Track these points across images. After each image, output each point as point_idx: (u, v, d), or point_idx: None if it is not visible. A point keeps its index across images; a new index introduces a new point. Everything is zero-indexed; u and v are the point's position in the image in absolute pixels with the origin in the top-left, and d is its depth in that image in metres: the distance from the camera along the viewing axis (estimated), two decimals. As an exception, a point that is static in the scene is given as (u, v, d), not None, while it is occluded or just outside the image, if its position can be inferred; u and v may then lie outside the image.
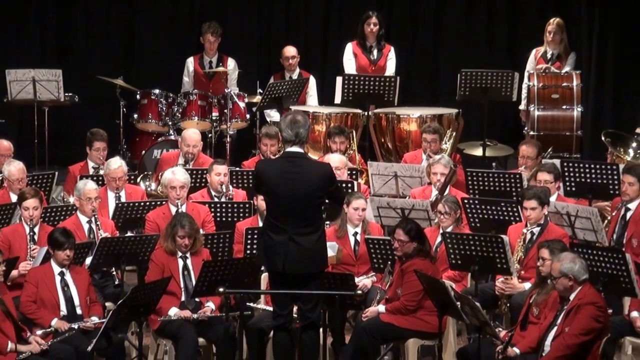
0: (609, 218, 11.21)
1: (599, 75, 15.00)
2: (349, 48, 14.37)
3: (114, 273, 10.77)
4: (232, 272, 9.72)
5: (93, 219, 10.94)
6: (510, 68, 13.91)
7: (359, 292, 10.20)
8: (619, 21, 15.02)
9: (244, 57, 14.86)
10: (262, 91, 14.00)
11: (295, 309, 9.11)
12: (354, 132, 13.48)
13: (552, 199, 11.06)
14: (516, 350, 9.15)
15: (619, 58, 15.04)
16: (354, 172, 12.23)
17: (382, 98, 13.73)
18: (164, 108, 14.11)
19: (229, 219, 11.21)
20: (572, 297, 9.04)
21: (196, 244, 10.14)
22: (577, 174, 11.62)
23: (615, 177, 11.49)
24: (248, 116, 14.18)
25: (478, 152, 13.87)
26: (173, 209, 10.92)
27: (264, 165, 9.55)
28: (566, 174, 11.62)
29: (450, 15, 15.47)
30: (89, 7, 15.49)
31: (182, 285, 10.03)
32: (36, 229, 10.68)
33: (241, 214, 11.24)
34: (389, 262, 10.23)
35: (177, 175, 11.24)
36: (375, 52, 14.34)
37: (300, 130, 9.11)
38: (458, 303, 9.21)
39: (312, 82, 14.43)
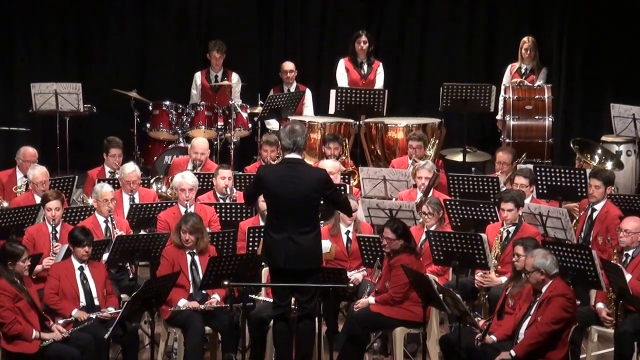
0: (577, 218, 11.23)
1: (568, 88, 15.00)
2: (342, 63, 14.38)
3: (129, 268, 10.77)
4: (235, 267, 9.72)
5: (109, 218, 10.94)
6: (488, 82, 13.92)
7: (351, 285, 10.23)
8: (586, 40, 15.02)
9: (246, 72, 14.86)
10: (262, 103, 13.99)
11: (293, 300, 9.15)
12: (347, 139, 13.50)
13: (527, 200, 11.08)
14: (493, 337, 9.18)
15: (586, 73, 15.06)
16: (346, 175, 12.23)
17: (371, 109, 13.73)
18: (174, 118, 14.10)
19: (233, 219, 11.19)
20: (544, 289, 9.05)
21: (200, 242, 10.12)
22: (548, 178, 11.64)
23: (583, 180, 11.50)
24: (250, 125, 14.17)
25: (459, 158, 13.87)
26: (182, 210, 10.93)
27: (265, 169, 9.59)
28: (538, 178, 11.64)
29: (433, 34, 15.47)
30: (106, 26, 15.48)
31: (190, 278, 10.02)
32: (58, 228, 10.66)
33: (244, 214, 11.22)
34: (378, 258, 10.24)
35: (186, 179, 11.25)
36: (365, 67, 14.34)
37: (298, 138, 9.15)
38: (441, 295, 9.22)
39: (308, 94, 14.43)
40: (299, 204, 9.09)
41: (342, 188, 11.41)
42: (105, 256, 10.32)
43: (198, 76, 14.56)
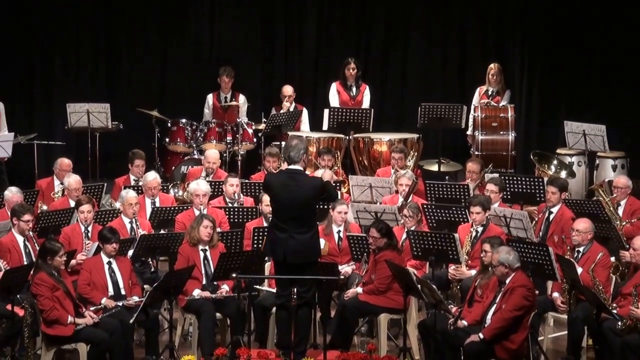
0: (536, 219, 11.24)
1: (528, 108, 15.01)
2: (334, 87, 14.38)
3: (150, 262, 10.77)
4: (242, 262, 9.71)
5: (134, 220, 10.94)
6: (459, 102, 13.93)
7: (342, 277, 10.25)
8: (543, 67, 15.04)
9: (252, 94, 14.85)
10: (266, 120, 13.99)
11: (293, 290, 9.15)
12: (338, 152, 13.51)
13: (496, 205, 11.10)
14: (464, 322, 9.21)
15: (543, 95, 15.07)
16: (338, 183, 12.25)
17: (359, 126, 13.74)
18: (189, 133, 14.09)
19: (240, 220, 11.18)
20: (507, 281, 9.07)
21: (214, 238, 10.15)
22: (511, 185, 11.65)
23: (541, 187, 11.52)
24: (255, 139, 14.16)
25: (434, 167, 13.88)
26: (197, 212, 10.90)
27: (270, 177, 9.64)
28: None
29: (412, 61, 15.47)
30: (131, 54, 15.49)
31: (203, 272, 10.02)
32: (90, 228, 10.68)
33: (249, 216, 11.21)
34: (365, 254, 10.24)
35: (200, 186, 11.25)
36: (354, 89, 14.34)
37: (298, 152, 9.22)
38: (419, 285, 9.23)
39: (305, 113, 14.42)
40: (298, 208, 9.12)
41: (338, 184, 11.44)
42: (130, 252, 10.32)
43: (210, 97, 14.55)
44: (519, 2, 15.07)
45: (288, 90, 14.31)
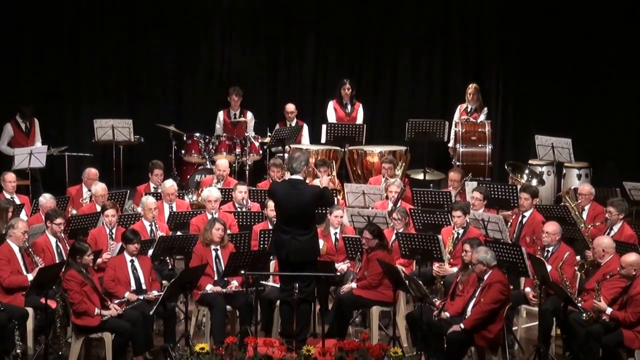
0: (510, 222, 11.23)
1: (503, 123, 15.04)
2: (331, 104, 14.38)
3: (168, 260, 10.78)
4: (250, 260, 9.71)
5: (153, 223, 10.94)
6: (442, 118, 13.95)
7: (338, 274, 10.23)
8: (516, 87, 15.08)
9: (258, 111, 14.85)
10: (270, 134, 14.01)
11: (295, 285, 9.14)
12: (334, 163, 13.51)
13: (480, 211, 11.11)
14: (447, 314, 9.19)
15: (517, 112, 15.11)
16: (334, 191, 12.24)
17: (353, 139, 13.75)
18: (203, 146, 14.09)
19: (248, 223, 11.18)
20: (485, 277, 9.07)
21: (224, 240, 10.14)
22: (489, 192, 11.65)
23: (515, 194, 11.52)
24: (261, 152, 14.16)
25: (420, 176, 13.88)
26: (209, 216, 10.91)
27: (275, 186, 9.62)
28: (481, 192, 11.66)
29: (400, 81, 15.48)
30: (151, 76, 15.49)
31: (215, 269, 10.01)
32: (114, 230, 10.66)
33: (256, 220, 11.21)
34: (359, 253, 10.23)
35: (212, 193, 11.25)
36: (349, 107, 14.35)
37: (300, 163, 9.23)
38: (407, 281, 9.23)
39: (305, 128, 14.41)
40: (300, 213, 9.11)
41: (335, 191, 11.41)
42: (150, 251, 10.30)
43: (221, 114, 14.55)
44: (495, 30, 15.07)
45: (290, 107, 14.32)
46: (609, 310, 8.90)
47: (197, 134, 14.12)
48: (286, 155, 13.31)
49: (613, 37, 14.53)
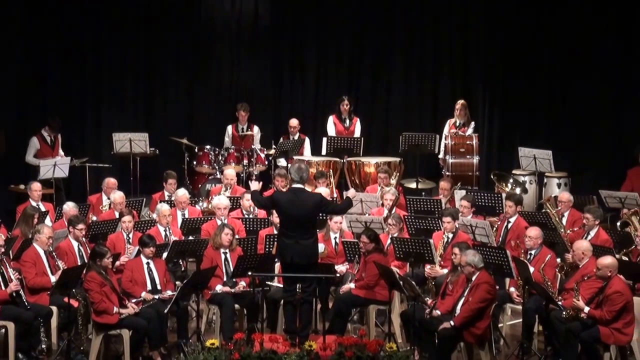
0: (496, 228, 11.23)
1: (489, 136, 15.03)
2: (331, 119, 14.37)
3: (181, 263, 10.75)
4: (256, 262, 9.72)
5: (167, 228, 10.94)
6: (433, 132, 13.92)
7: (338, 275, 10.24)
8: (501, 103, 15.08)
9: (264, 125, 14.85)
10: (275, 147, 14.00)
11: (298, 286, 9.14)
12: (334, 173, 13.51)
13: (468, 217, 11.10)
14: (438, 312, 9.18)
15: (501, 126, 15.10)
16: (333, 199, 12.23)
17: (352, 151, 13.73)
18: (213, 157, 14.08)
19: (254, 229, 11.16)
20: (473, 278, 9.06)
21: (233, 243, 10.13)
22: (476, 200, 11.65)
23: (500, 201, 11.52)
24: (266, 162, 14.16)
25: (413, 185, 13.86)
26: (219, 222, 10.89)
27: (278, 195, 9.61)
28: (469, 200, 11.66)
29: (395, 98, 15.45)
30: (165, 92, 15.47)
31: (224, 271, 10.00)
32: (131, 235, 10.68)
33: (262, 225, 11.19)
34: (357, 256, 10.22)
35: (222, 201, 11.24)
36: (347, 121, 14.34)
37: (303, 174, 9.24)
38: (401, 282, 9.22)
39: (307, 141, 14.40)
40: (302, 219, 9.10)
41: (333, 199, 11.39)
42: (164, 255, 10.30)
43: (230, 128, 14.55)
44: (481, 52, 15.08)
45: (293, 122, 14.32)
46: (586, 308, 8.88)
47: (208, 147, 14.11)
48: (289, 165, 13.31)
49: (589, 58, 14.54)
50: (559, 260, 10.05)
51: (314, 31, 15.38)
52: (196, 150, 14.14)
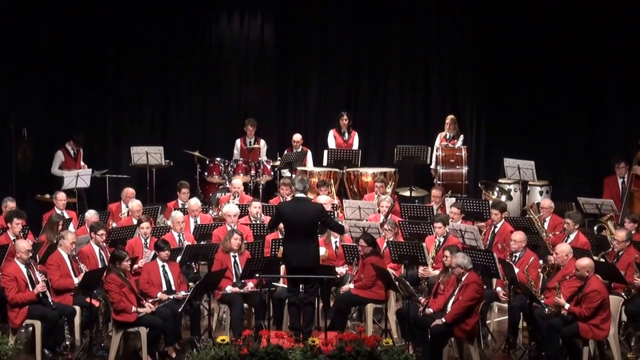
0: (484, 232, 11.22)
1: (477, 148, 15.00)
2: (331, 133, 14.37)
3: (194, 265, 10.75)
4: (263, 265, 9.71)
5: (181, 234, 10.93)
6: (425, 144, 13.92)
7: (338, 276, 10.23)
8: (487, 117, 15.04)
9: (270, 139, 14.84)
10: (280, 159, 14.00)
11: (301, 287, 9.13)
12: (333, 181, 13.50)
13: (458, 222, 11.09)
14: (430, 310, 9.16)
15: (488, 139, 15.05)
16: (333, 205, 12.23)
17: (350, 162, 13.73)
18: (223, 168, 14.06)
19: (261, 234, 11.14)
20: (463, 279, 9.04)
21: (242, 248, 10.12)
22: (465, 207, 11.63)
23: (487, 208, 11.50)
24: (272, 173, 14.15)
25: (407, 193, 13.84)
26: (229, 228, 10.86)
27: (283, 205, 9.67)
28: (458, 207, 11.64)
29: (390, 113, 15.40)
30: (179, 108, 15.46)
31: (233, 273, 9.99)
32: (148, 240, 10.67)
33: (268, 231, 11.16)
34: (356, 259, 10.22)
35: (231, 208, 11.22)
36: (346, 135, 14.33)
37: (305, 185, 9.27)
38: (397, 282, 9.21)
39: (309, 153, 14.39)
40: (305, 226, 9.11)
41: (332, 214, 11.38)
42: (178, 258, 10.28)
43: (238, 141, 14.54)
44: (469, 71, 15.08)
45: (297, 137, 14.32)
46: (567, 305, 8.86)
47: (218, 159, 14.10)
48: (293, 176, 13.29)
49: (567, 76, 14.54)
50: (541, 261, 10.03)
51: (316, 54, 15.38)
52: (207, 162, 14.13)
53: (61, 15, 14.59)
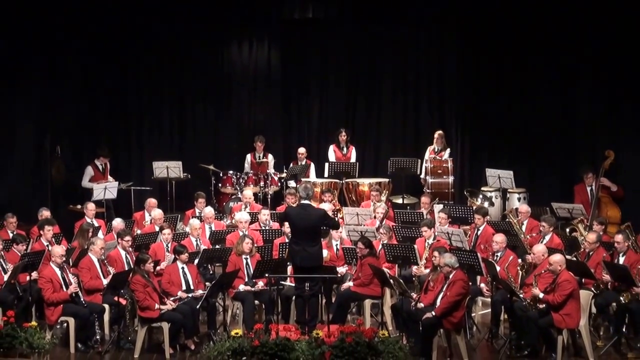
0: (469, 234, 11.23)
1: (462, 160, 14.99)
2: (331, 148, 14.39)
3: (210, 267, 10.78)
4: (272, 266, 9.73)
5: (198, 239, 10.96)
6: (416, 157, 13.94)
7: (339, 275, 10.24)
8: (471, 133, 15.06)
9: (277, 153, 14.85)
10: (286, 171, 14.02)
11: (307, 285, 9.15)
12: (335, 191, 13.53)
13: (446, 226, 11.10)
14: (421, 304, 9.18)
15: (472, 152, 15.04)
16: (335, 211, 12.24)
17: (349, 174, 13.76)
18: (235, 180, 14.07)
19: (270, 238, 11.17)
20: (450, 276, 9.07)
21: (253, 251, 10.14)
22: (451, 212, 11.65)
23: (471, 213, 11.52)
24: (279, 184, 14.16)
25: (400, 201, 13.83)
26: (241, 234, 10.89)
27: (289, 210, 9.70)
28: (446, 212, 11.64)
29: (383, 129, 15.37)
30: (196, 127, 15.45)
31: (245, 273, 10.01)
32: (169, 245, 10.69)
33: (276, 235, 11.19)
34: (355, 259, 10.25)
35: (243, 216, 11.26)
36: (345, 149, 14.35)
37: (309, 192, 9.27)
38: (391, 280, 9.24)
39: (312, 166, 14.40)
40: (309, 229, 9.15)
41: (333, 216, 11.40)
42: (196, 261, 10.31)
43: (249, 156, 14.56)
44: (455, 89, 15.11)
45: (301, 150, 14.34)
46: (541, 295, 8.90)
47: (231, 172, 14.12)
48: (298, 186, 13.32)
49: (542, 96, 14.58)
50: (520, 260, 10.05)
51: (317, 77, 15.42)
52: (221, 174, 14.14)
53: (88, 48, 14.59)
